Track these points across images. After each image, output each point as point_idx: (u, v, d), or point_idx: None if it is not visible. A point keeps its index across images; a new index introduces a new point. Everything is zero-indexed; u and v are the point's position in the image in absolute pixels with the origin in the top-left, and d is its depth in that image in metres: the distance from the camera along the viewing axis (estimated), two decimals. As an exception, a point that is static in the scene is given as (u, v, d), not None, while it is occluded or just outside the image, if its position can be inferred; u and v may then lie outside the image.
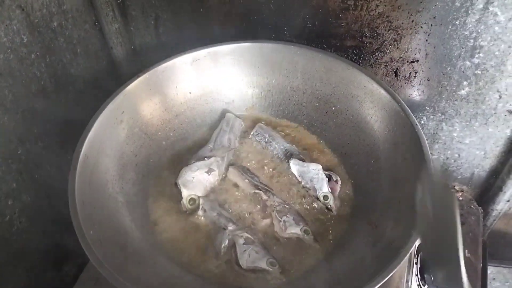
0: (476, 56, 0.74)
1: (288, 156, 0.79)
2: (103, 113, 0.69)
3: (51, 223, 0.79)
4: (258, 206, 0.73)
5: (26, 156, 0.72)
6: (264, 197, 0.73)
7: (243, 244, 0.67)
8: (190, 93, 0.84)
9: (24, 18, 0.69)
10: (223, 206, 0.73)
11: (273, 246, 0.69)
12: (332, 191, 0.74)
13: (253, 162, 0.81)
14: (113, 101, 0.72)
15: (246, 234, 0.68)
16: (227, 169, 0.78)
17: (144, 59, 1.01)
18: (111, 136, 0.72)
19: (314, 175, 0.75)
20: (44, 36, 0.74)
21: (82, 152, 0.64)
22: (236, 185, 0.77)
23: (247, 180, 0.75)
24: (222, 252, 0.67)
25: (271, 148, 0.81)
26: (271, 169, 0.79)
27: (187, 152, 0.82)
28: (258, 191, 0.74)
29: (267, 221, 0.72)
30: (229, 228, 0.68)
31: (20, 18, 0.68)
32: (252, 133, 0.84)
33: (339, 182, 0.75)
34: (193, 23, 0.91)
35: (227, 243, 0.67)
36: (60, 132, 0.80)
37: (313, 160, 0.80)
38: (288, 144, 0.81)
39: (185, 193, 0.72)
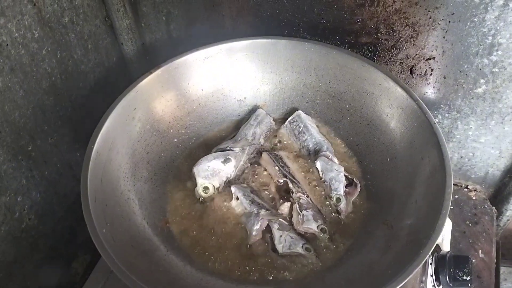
0: (494, 53, 0.73)
1: (317, 150, 0.79)
2: (115, 109, 0.69)
3: (60, 221, 0.79)
4: (281, 194, 0.74)
5: (36, 153, 0.72)
6: (290, 186, 0.73)
7: (278, 229, 0.67)
8: (202, 90, 0.84)
9: (35, 13, 0.68)
10: (256, 192, 0.74)
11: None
12: (348, 195, 0.73)
13: (287, 151, 0.81)
14: (125, 98, 0.71)
15: (280, 220, 0.68)
16: (246, 162, 0.78)
17: (155, 56, 1.01)
18: (123, 133, 0.71)
19: (334, 176, 0.74)
20: (55, 32, 0.74)
21: (94, 149, 0.63)
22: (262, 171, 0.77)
23: (277, 168, 0.76)
24: (253, 235, 0.67)
25: (303, 139, 0.81)
26: (301, 161, 0.79)
27: (199, 149, 0.82)
28: (286, 179, 0.74)
29: (286, 205, 0.72)
30: (261, 213, 0.69)
31: (31, 14, 0.68)
32: (288, 119, 0.84)
33: (358, 189, 0.74)
34: (205, 19, 0.91)
35: (259, 225, 0.67)
36: (70, 129, 0.80)
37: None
38: (320, 138, 0.80)
39: (199, 181, 0.72)
